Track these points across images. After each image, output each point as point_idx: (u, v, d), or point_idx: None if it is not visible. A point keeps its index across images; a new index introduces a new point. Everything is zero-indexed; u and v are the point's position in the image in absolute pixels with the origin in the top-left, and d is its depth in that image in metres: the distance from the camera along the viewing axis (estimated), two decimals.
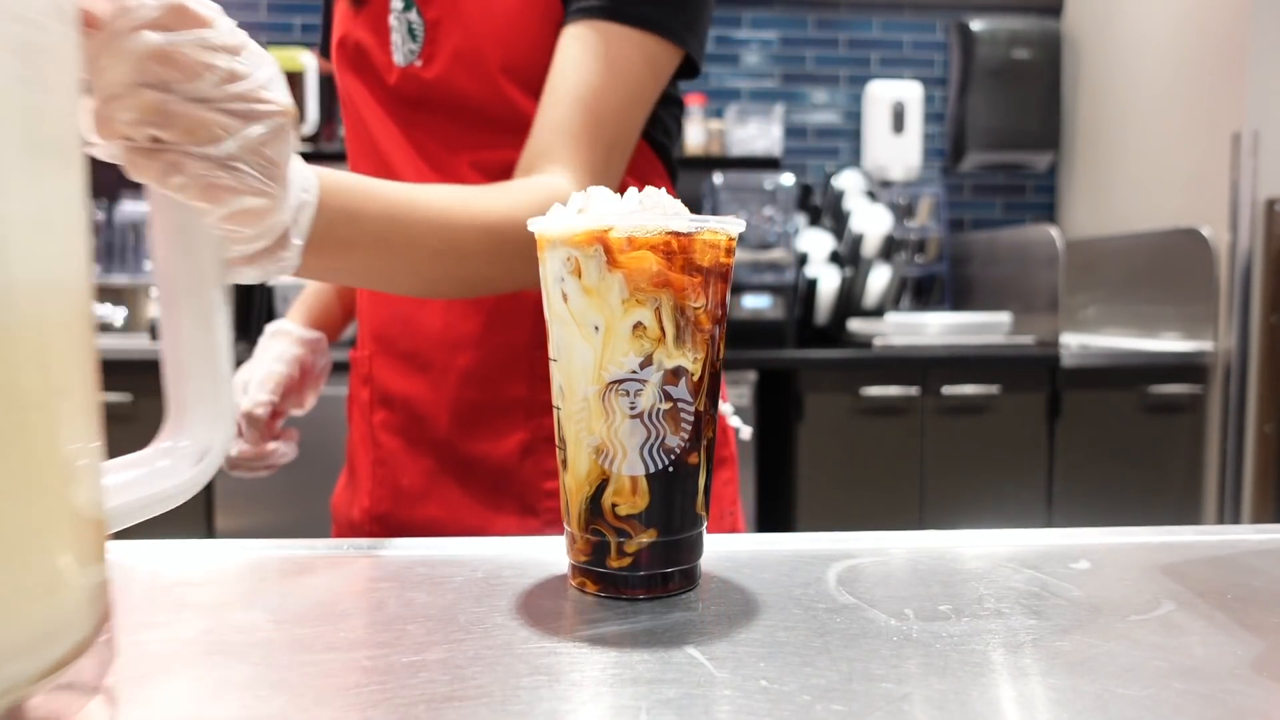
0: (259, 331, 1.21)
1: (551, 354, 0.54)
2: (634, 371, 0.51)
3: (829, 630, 0.48)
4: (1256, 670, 0.43)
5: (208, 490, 2.67)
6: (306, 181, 0.63)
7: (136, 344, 2.89)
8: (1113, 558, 0.61)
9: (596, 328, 0.51)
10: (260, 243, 0.58)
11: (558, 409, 0.54)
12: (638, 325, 0.51)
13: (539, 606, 0.52)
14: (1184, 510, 2.84)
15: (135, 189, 3.22)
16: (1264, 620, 0.50)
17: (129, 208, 3.16)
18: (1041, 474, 2.84)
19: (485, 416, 0.96)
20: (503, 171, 0.91)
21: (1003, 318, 3.06)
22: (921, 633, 0.47)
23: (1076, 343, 3.08)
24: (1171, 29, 3.03)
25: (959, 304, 3.54)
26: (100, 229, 3.17)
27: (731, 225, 0.53)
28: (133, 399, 2.64)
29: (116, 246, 3.18)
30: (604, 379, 0.51)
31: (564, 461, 0.55)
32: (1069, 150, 3.61)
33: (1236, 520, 2.72)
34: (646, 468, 0.52)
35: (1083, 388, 2.82)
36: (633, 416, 0.51)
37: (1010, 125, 3.52)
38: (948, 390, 2.78)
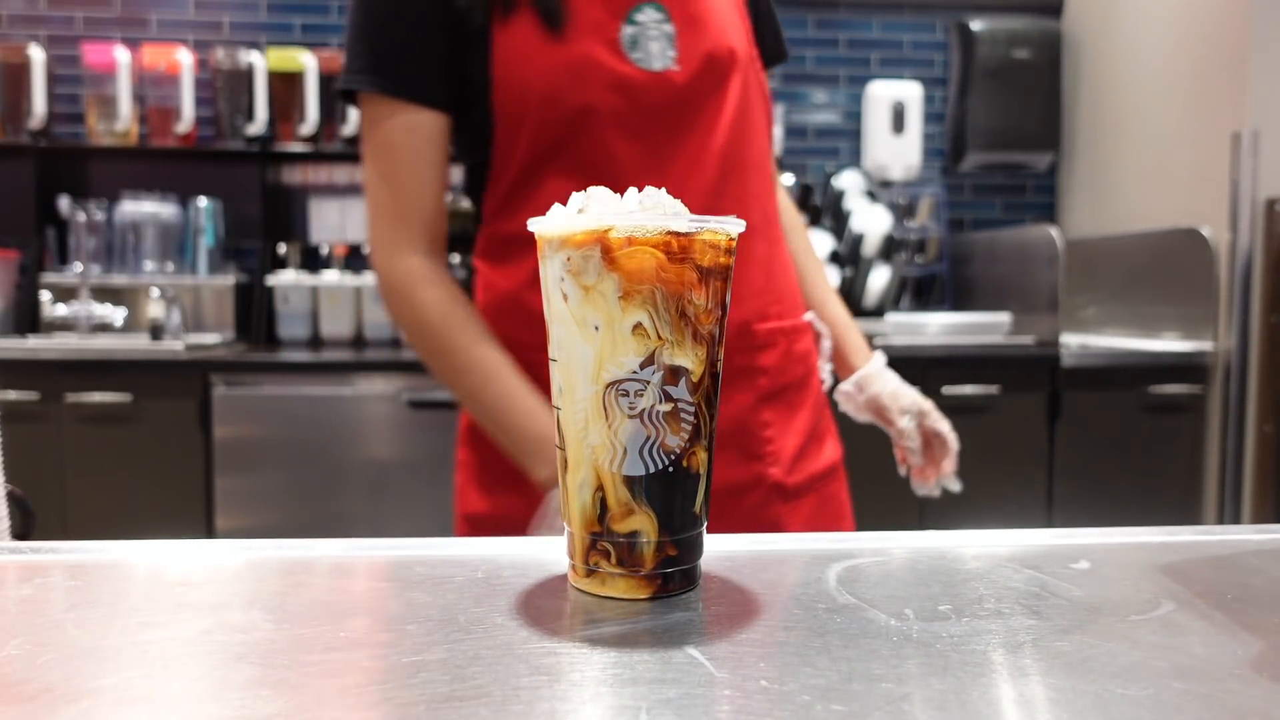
0: (260, 335, 1.21)
1: (551, 354, 0.54)
2: (634, 372, 0.51)
3: (829, 630, 0.48)
4: (1256, 670, 0.43)
5: (207, 490, 2.67)
6: None
7: (136, 344, 2.89)
8: (1112, 558, 0.61)
9: (596, 328, 0.51)
10: None
11: (558, 409, 0.54)
12: (637, 326, 0.51)
13: (539, 606, 0.52)
14: (1184, 510, 2.84)
15: (134, 188, 3.22)
16: (1264, 620, 0.50)
17: (129, 208, 3.16)
18: (1041, 474, 2.84)
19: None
20: (733, 172, 1.11)
21: (1002, 318, 3.06)
22: (921, 633, 0.47)
23: (1076, 343, 3.08)
24: (1171, 29, 3.03)
25: (959, 304, 3.54)
26: (100, 229, 3.17)
27: (732, 225, 0.53)
28: (133, 398, 2.64)
29: (116, 246, 3.18)
30: (603, 379, 0.51)
31: (564, 462, 0.55)
32: (1069, 150, 3.61)
33: (1236, 520, 2.72)
34: (646, 468, 0.52)
35: (1083, 388, 2.82)
36: (632, 417, 0.51)
37: (1010, 125, 3.52)
38: (948, 390, 2.78)
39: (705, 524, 0.56)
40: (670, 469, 0.52)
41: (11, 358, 2.69)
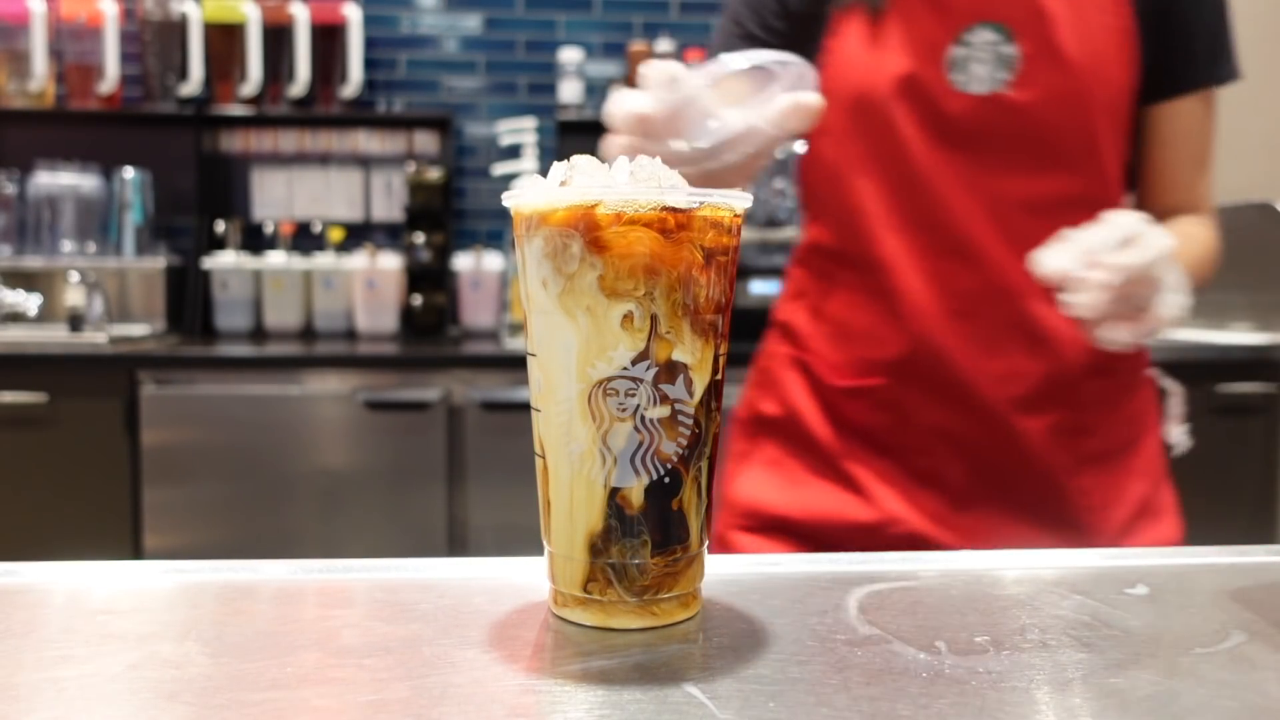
0: (195, 326, 1.21)
1: (530, 349, 0.54)
2: (624, 368, 0.51)
3: (848, 665, 0.48)
4: None
5: (134, 504, 2.66)
6: None
7: (53, 336, 2.88)
8: (1174, 582, 0.61)
9: (580, 318, 0.51)
10: None
11: (537, 411, 0.54)
12: (628, 315, 0.50)
13: (516, 638, 0.52)
14: (1257, 527, 2.85)
15: (50, 158, 3.21)
16: None
17: (44, 179, 3.15)
18: None
19: None
20: (1050, 205, 1.13)
21: None
22: (955, 668, 0.48)
23: None
24: None
25: None
26: (10, 204, 3.16)
27: (737, 200, 0.53)
28: (49, 398, 2.63)
29: (30, 224, 3.17)
30: (590, 377, 0.51)
31: (543, 471, 0.55)
32: None
33: None
34: (638, 479, 0.52)
35: None
36: (622, 420, 0.51)
37: None
38: None
39: (706, 544, 0.56)
40: (666, 480, 0.52)
41: None
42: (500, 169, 3.25)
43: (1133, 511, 1.23)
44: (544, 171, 0.55)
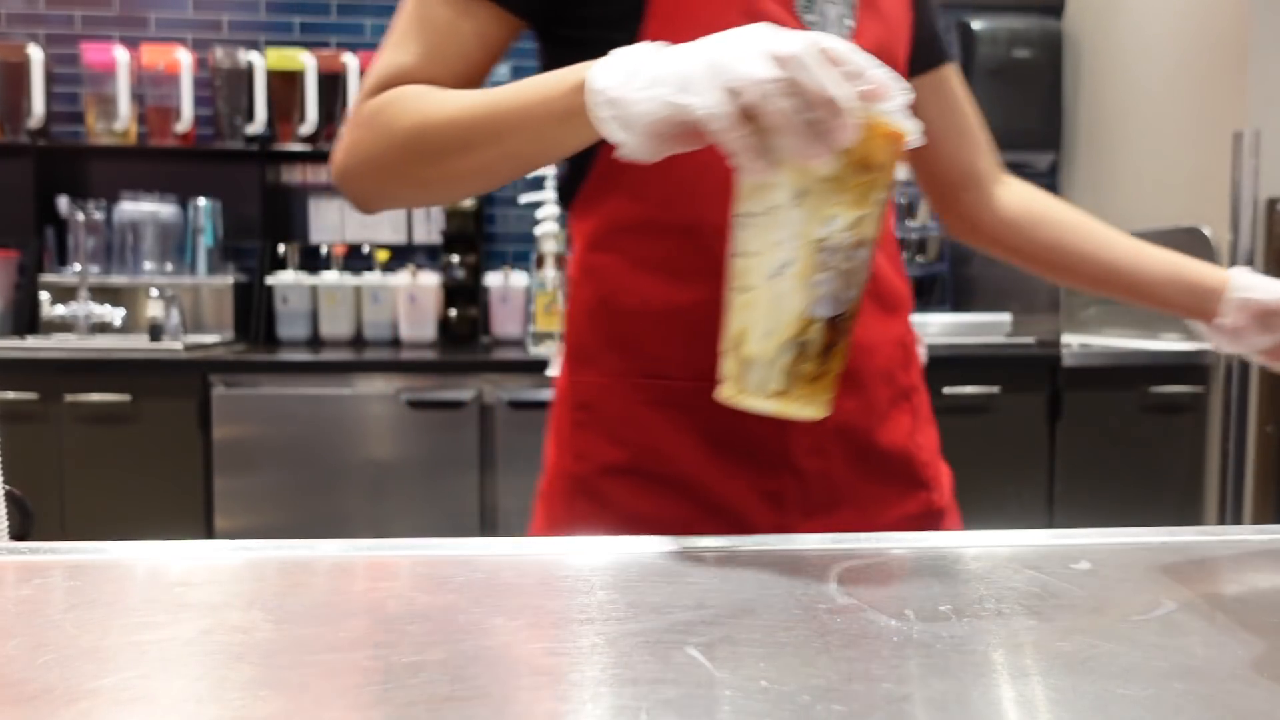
0: (260, 335, 1.19)
1: (738, 250, 0.64)
2: (834, 233, 0.60)
3: (829, 630, 0.48)
4: (1257, 671, 0.43)
5: (207, 490, 2.67)
6: None
7: (135, 344, 2.88)
8: (1113, 558, 0.61)
9: (810, 196, 0.60)
10: None
11: (741, 257, 0.64)
12: (851, 198, 0.60)
13: (539, 607, 0.52)
14: (1185, 511, 2.84)
15: (134, 188, 3.22)
16: (1265, 621, 0.50)
17: (128, 207, 3.16)
18: (1042, 474, 2.84)
19: None
20: None
21: (1003, 318, 3.05)
22: (922, 633, 0.47)
23: (1077, 343, 3.07)
24: (1172, 28, 3.03)
25: (960, 304, 3.53)
26: (99, 229, 3.17)
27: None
28: (132, 399, 2.64)
29: (115, 246, 3.18)
30: (811, 235, 0.60)
31: (745, 306, 0.63)
32: (1070, 150, 3.61)
33: (1237, 521, 2.71)
34: (827, 309, 0.62)
35: (1083, 388, 2.82)
36: (828, 269, 0.61)
37: (1011, 125, 3.52)
38: (948, 390, 2.78)
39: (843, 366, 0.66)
40: (843, 311, 0.63)
41: (10, 358, 2.68)
42: (526, 198, 3.25)
43: (935, 456, 1.05)
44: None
